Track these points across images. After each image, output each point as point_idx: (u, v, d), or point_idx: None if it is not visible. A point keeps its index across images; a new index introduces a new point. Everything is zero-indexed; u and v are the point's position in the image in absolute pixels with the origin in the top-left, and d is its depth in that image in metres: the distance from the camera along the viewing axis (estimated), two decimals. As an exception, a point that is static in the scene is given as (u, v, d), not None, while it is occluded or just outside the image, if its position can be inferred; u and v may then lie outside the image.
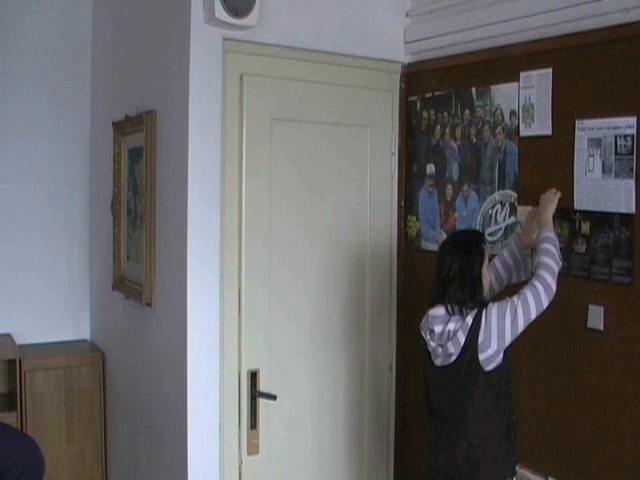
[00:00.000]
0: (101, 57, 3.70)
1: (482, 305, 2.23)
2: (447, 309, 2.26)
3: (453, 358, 2.23)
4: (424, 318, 2.34)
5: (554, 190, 2.40)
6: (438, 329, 2.26)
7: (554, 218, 2.41)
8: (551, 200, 2.38)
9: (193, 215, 2.55)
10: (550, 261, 2.23)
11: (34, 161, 3.68)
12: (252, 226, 2.66)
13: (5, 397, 3.55)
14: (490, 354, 2.19)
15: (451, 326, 2.23)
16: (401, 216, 3.10)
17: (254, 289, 2.67)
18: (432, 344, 2.29)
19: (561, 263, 2.27)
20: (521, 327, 2.18)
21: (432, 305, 2.31)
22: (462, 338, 2.20)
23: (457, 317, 2.23)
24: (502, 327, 2.17)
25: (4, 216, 3.62)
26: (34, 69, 3.66)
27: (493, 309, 2.20)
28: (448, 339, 2.23)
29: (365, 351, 3.01)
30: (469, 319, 2.21)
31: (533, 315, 2.18)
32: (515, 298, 2.19)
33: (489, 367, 2.21)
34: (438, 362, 2.29)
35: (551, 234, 2.31)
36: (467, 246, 2.30)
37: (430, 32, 2.92)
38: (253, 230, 2.66)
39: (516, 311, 2.17)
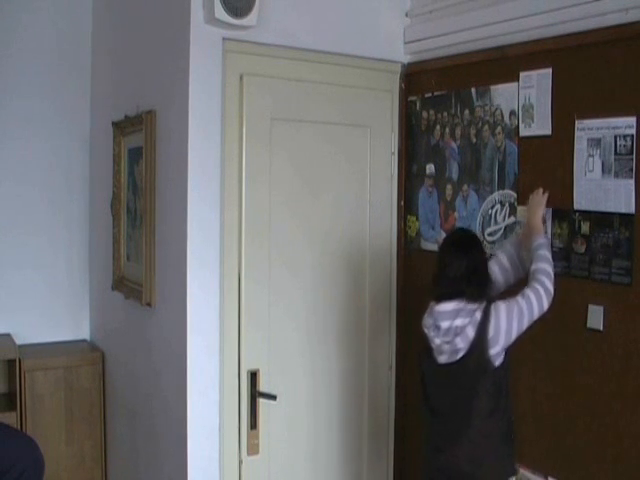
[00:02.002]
0: (101, 57, 3.70)
1: (488, 301, 2.25)
2: (459, 306, 2.25)
3: (461, 354, 2.22)
4: (426, 314, 2.33)
5: (541, 190, 2.42)
6: (445, 325, 2.25)
7: (553, 218, 2.42)
8: (540, 202, 2.40)
9: (193, 215, 2.55)
10: (547, 266, 2.27)
11: (34, 161, 3.68)
12: (252, 226, 2.66)
13: (5, 397, 3.55)
14: (498, 350, 2.21)
15: (459, 322, 2.23)
16: (401, 216, 3.10)
17: (254, 289, 2.67)
18: (437, 341, 2.28)
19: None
20: (525, 326, 2.22)
21: (438, 301, 2.30)
22: (471, 333, 2.20)
23: (465, 312, 2.23)
24: (510, 325, 2.20)
25: (4, 216, 3.61)
26: (34, 69, 3.66)
27: (502, 306, 2.22)
28: (456, 335, 2.23)
29: (365, 351, 3.01)
30: (478, 314, 2.21)
31: (536, 315, 2.22)
32: (519, 298, 2.23)
33: (497, 363, 2.22)
34: (443, 359, 2.28)
35: (544, 240, 2.34)
36: (472, 244, 2.33)
37: (430, 32, 2.91)
38: (253, 230, 2.66)
39: (522, 311, 2.21)
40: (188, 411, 2.56)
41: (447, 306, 2.27)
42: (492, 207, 2.69)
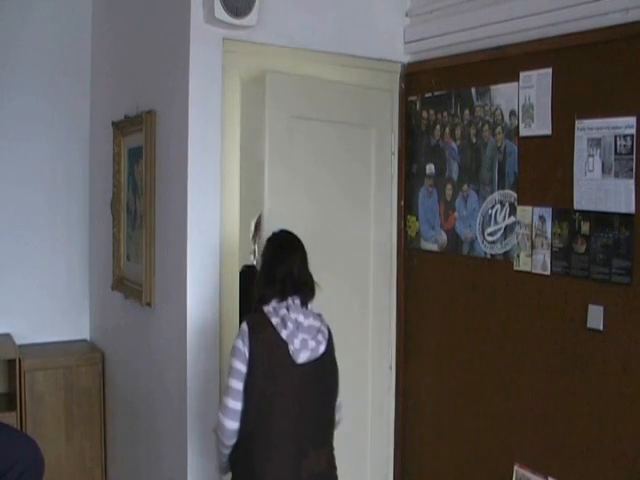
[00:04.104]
0: (101, 57, 3.70)
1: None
2: (304, 303, 2.19)
3: (322, 349, 2.16)
4: (269, 313, 2.14)
5: None
6: (307, 322, 2.16)
7: (553, 218, 2.42)
8: None
9: (193, 215, 2.55)
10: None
11: (34, 161, 3.68)
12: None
13: (5, 397, 3.55)
14: None
15: (310, 317, 2.18)
16: (401, 216, 3.10)
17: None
18: (300, 337, 2.13)
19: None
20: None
21: (284, 299, 2.16)
22: (325, 329, 2.20)
23: (308, 310, 2.19)
24: None
25: (4, 216, 3.62)
26: (34, 69, 3.66)
27: None
28: (317, 331, 2.17)
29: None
30: (316, 315, 2.21)
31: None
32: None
33: None
34: (304, 357, 2.12)
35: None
36: (298, 244, 2.26)
37: (430, 32, 2.92)
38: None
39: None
40: (188, 411, 2.56)
41: (296, 301, 2.17)
42: (492, 207, 2.69)
